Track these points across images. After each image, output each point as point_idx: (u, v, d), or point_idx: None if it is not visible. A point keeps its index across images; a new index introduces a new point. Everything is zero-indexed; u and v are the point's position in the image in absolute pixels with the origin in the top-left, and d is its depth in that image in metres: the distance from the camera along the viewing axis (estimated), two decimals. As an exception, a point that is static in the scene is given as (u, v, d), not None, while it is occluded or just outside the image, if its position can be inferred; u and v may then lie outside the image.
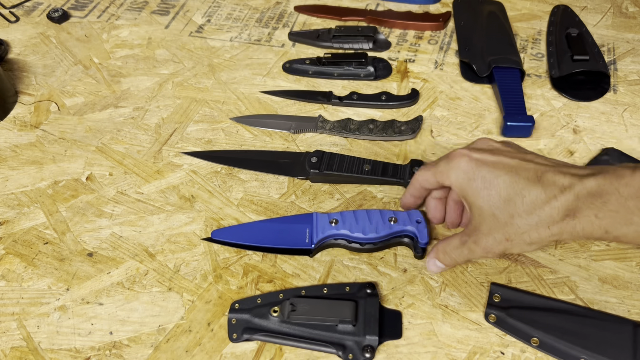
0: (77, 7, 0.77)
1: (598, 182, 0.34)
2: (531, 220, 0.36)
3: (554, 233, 0.36)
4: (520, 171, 0.37)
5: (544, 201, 0.35)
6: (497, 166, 0.38)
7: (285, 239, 0.47)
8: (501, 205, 0.37)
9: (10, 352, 0.43)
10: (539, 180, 0.36)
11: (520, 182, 0.37)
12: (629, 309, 0.43)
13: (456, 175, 0.40)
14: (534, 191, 0.36)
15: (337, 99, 0.61)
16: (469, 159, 0.39)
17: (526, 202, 0.36)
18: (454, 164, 0.40)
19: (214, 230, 0.49)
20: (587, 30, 0.68)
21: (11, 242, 0.50)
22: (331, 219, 0.47)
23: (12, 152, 0.58)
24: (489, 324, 0.43)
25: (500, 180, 0.37)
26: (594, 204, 0.34)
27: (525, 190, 0.36)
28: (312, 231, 0.47)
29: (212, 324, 0.44)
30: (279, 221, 0.49)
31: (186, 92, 0.64)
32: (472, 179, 0.39)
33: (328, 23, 0.73)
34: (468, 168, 0.39)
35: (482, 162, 0.39)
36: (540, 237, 0.37)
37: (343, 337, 0.42)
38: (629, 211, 0.33)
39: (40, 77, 0.66)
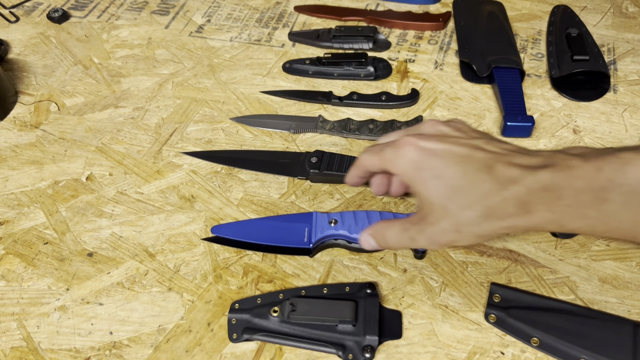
0: (77, 7, 0.77)
1: (550, 175, 0.33)
2: (481, 212, 0.35)
3: (506, 226, 0.35)
4: (471, 161, 0.35)
5: (495, 193, 0.34)
6: (447, 155, 0.36)
7: (284, 238, 0.47)
8: (451, 197, 0.36)
9: (10, 352, 0.43)
10: (489, 172, 0.34)
11: (471, 173, 0.35)
12: (629, 309, 0.43)
13: (403, 164, 0.38)
14: (485, 183, 0.34)
15: (337, 99, 0.61)
16: (416, 148, 0.37)
17: (477, 194, 0.34)
18: (402, 152, 0.38)
19: (213, 227, 0.49)
20: (587, 30, 0.68)
21: (11, 242, 0.50)
22: (330, 219, 0.47)
23: (12, 152, 0.58)
24: (489, 324, 0.43)
25: (450, 171, 0.36)
26: (547, 199, 0.33)
27: (476, 181, 0.35)
28: (311, 230, 0.47)
29: (212, 324, 0.44)
30: (278, 219, 0.49)
31: (186, 92, 0.64)
32: (420, 169, 0.37)
33: (328, 23, 0.73)
34: (416, 157, 0.37)
35: (431, 151, 0.37)
36: (491, 230, 0.35)
37: (343, 337, 0.42)
38: (583, 205, 0.32)
39: (40, 77, 0.66)
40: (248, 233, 0.48)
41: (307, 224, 0.47)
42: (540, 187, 0.33)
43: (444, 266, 0.47)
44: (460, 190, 0.35)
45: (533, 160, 0.34)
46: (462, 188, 0.35)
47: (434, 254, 0.47)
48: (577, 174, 0.32)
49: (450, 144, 0.37)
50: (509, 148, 0.37)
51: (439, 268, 0.47)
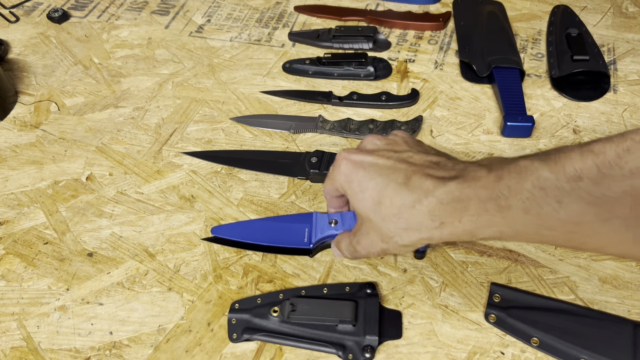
0: (77, 7, 0.77)
1: (458, 187, 0.34)
2: (400, 224, 0.36)
3: (424, 237, 0.36)
4: (392, 173, 0.37)
5: (410, 205, 0.36)
6: (372, 168, 0.38)
7: (284, 238, 0.47)
8: (374, 208, 0.37)
9: (10, 352, 0.43)
10: (406, 184, 0.36)
11: (391, 185, 0.37)
12: (629, 309, 0.43)
13: (339, 178, 0.40)
14: (401, 195, 0.36)
15: (337, 99, 0.61)
16: (347, 162, 0.40)
17: (394, 206, 0.36)
18: (337, 167, 0.40)
19: (213, 227, 0.49)
20: (587, 30, 0.68)
21: (11, 242, 0.50)
22: (331, 220, 0.46)
23: (12, 152, 0.58)
24: (489, 324, 0.43)
25: (373, 183, 0.37)
26: (456, 210, 0.34)
27: (393, 193, 0.36)
28: (311, 231, 0.47)
29: (212, 324, 0.44)
30: (278, 220, 0.49)
31: (186, 92, 0.64)
32: (350, 182, 0.39)
33: (328, 23, 0.73)
34: (347, 171, 0.39)
35: (359, 164, 0.39)
36: (411, 240, 0.37)
37: (343, 337, 0.42)
38: (488, 213, 0.33)
39: (40, 77, 0.66)
40: (248, 234, 0.48)
41: (307, 224, 0.47)
42: (450, 198, 0.34)
43: (444, 266, 0.47)
44: (379, 202, 0.37)
45: (447, 173, 0.36)
46: (381, 200, 0.37)
47: (434, 254, 0.47)
48: (481, 184, 0.33)
49: (377, 156, 0.39)
50: (433, 160, 0.38)
51: (439, 268, 0.47)
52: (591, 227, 0.30)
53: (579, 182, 0.29)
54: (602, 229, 0.30)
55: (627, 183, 0.28)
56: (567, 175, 0.30)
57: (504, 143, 0.57)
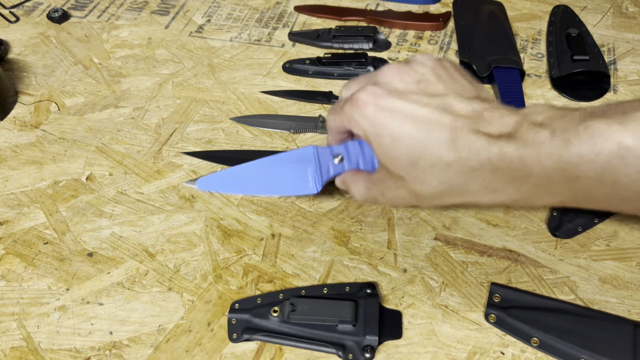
0: (77, 7, 0.77)
1: (517, 151, 0.29)
2: (441, 187, 0.32)
3: (469, 201, 0.32)
4: (433, 129, 0.31)
5: (456, 169, 0.31)
6: (407, 120, 0.32)
7: (283, 185, 0.41)
8: (409, 168, 0.32)
9: (10, 352, 0.43)
10: (452, 144, 0.31)
11: (432, 144, 0.31)
12: (629, 309, 0.43)
13: (363, 126, 0.34)
14: (446, 156, 0.31)
15: (337, 99, 0.61)
16: (374, 108, 0.33)
17: (436, 169, 0.31)
18: (360, 112, 0.34)
19: (199, 179, 0.43)
20: (587, 30, 0.68)
21: (11, 242, 0.50)
22: (335, 154, 0.40)
23: (12, 152, 0.58)
24: (489, 324, 0.43)
25: (410, 140, 0.32)
26: (513, 178, 0.30)
27: (436, 154, 0.31)
28: (315, 172, 0.40)
29: (212, 324, 0.44)
30: (273, 162, 0.42)
31: (186, 92, 0.64)
32: (379, 135, 0.33)
33: (328, 23, 0.73)
34: (375, 120, 0.33)
35: (389, 112, 0.33)
36: (452, 202, 0.33)
37: (343, 337, 0.42)
38: (552, 183, 0.29)
39: (40, 77, 0.66)
40: (240, 184, 0.42)
41: (308, 163, 0.40)
42: (506, 165, 0.30)
43: (444, 266, 0.47)
44: (417, 162, 0.32)
45: (499, 128, 0.31)
46: (420, 161, 0.32)
47: (434, 254, 0.47)
48: (545, 150, 0.29)
49: (411, 102, 0.33)
50: (478, 108, 0.32)
51: (439, 268, 0.47)
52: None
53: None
54: None
55: None
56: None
57: (504, 143, 0.56)
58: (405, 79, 0.35)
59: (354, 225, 0.50)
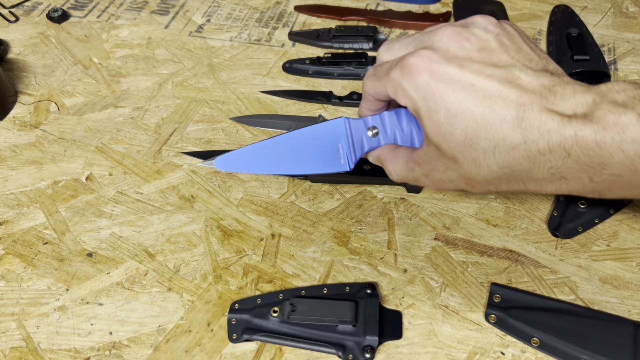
0: (77, 7, 0.77)
1: (595, 135, 0.26)
2: (501, 172, 0.29)
3: (530, 188, 0.29)
4: (497, 105, 0.28)
5: (521, 153, 0.28)
6: (468, 93, 0.28)
7: (313, 162, 0.37)
8: (465, 149, 0.29)
9: (10, 353, 0.43)
10: (519, 124, 0.27)
11: (495, 123, 0.28)
12: (630, 309, 0.43)
13: (413, 97, 0.30)
14: (510, 138, 0.27)
15: (337, 99, 0.61)
16: (429, 75, 0.29)
17: (498, 151, 0.28)
18: (412, 80, 0.30)
19: (217, 157, 0.40)
20: (588, 30, 0.68)
21: (11, 242, 0.50)
22: (369, 126, 0.36)
23: (12, 152, 0.58)
24: (489, 324, 0.43)
25: (469, 116, 0.28)
26: (588, 166, 0.26)
27: (498, 135, 0.28)
28: (348, 146, 0.37)
29: (212, 324, 0.44)
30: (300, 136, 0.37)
31: (186, 92, 0.63)
32: (433, 109, 0.29)
33: (328, 23, 0.73)
34: (429, 91, 0.29)
35: (448, 82, 0.29)
36: (510, 188, 0.30)
37: (343, 337, 0.42)
38: (636, 174, 0.25)
39: (40, 77, 0.66)
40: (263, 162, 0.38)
41: (339, 137, 0.37)
42: (581, 150, 0.26)
43: (444, 266, 0.47)
44: (477, 143, 0.28)
45: (574, 106, 0.27)
46: (480, 141, 0.28)
47: (434, 254, 0.47)
48: (630, 135, 0.25)
49: (472, 72, 0.29)
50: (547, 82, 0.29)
51: (439, 268, 0.47)
52: None
53: None
54: None
55: None
56: None
57: (504, 143, 0.56)
58: (465, 45, 0.31)
59: (354, 225, 0.50)
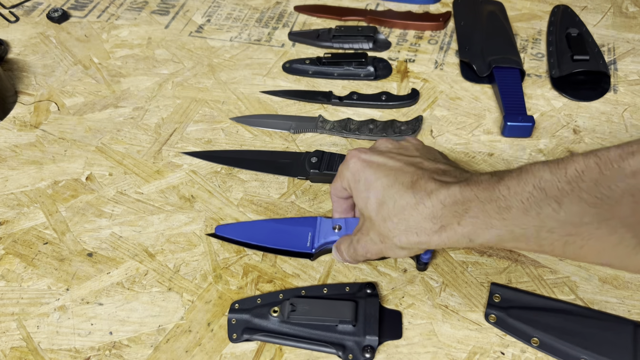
0: (77, 7, 0.77)
1: (460, 189, 0.35)
2: (400, 225, 0.37)
3: (422, 241, 0.36)
4: (399, 175, 0.38)
5: (412, 207, 0.36)
6: (380, 169, 0.39)
7: (286, 241, 0.47)
8: (377, 208, 0.38)
9: (10, 352, 0.43)
10: (412, 186, 0.37)
11: (396, 186, 0.37)
12: (629, 309, 0.43)
13: (346, 175, 0.41)
14: (405, 196, 0.37)
15: (337, 99, 0.61)
16: (357, 160, 0.40)
17: (397, 206, 0.37)
18: (346, 165, 0.41)
19: (217, 226, 0.49)
20: (587, 30, 0.68)
21: (11, 242, 0.50)
22: (335, 225, 0.46)
23: (12, 152, 0.58)
24: (489, 324, 0.43)
25: (379, 183, 0.38)
26: (456, 212, 0.35)
27: (397, 194, 0.37)
28: (314, 235, 0.47)
29: (212, 324, 0.44)
30: (282, 222, 0.49)
31: (186, 92, 0.63)
32: (357, 181, 0.40)
33: (328, 23, 0.73)
34: (355, 169, 0.40)
35: (368, 163, 0.40)
36: (409, 242, 0.37)
37: (343, 337, 0.42)
38: (488, 215, 0.33)
39: (40, 77, 0.66)
40: (251, 234, 0.48)
41: (310, 228, 0.47)
42: (451, 200, 0.35)
43: (444, 266, 0.47)
44: (383, 202, 0.37)
45: (453, 179, 0.37)
46: (385, 200, 0.37)
47: (434, 254, 0.47)
48: (483, 186, 0.34)
49: (387, 157, 0.40)
50: (442, 168, 0.39)
51: (439, 268, 0.47)
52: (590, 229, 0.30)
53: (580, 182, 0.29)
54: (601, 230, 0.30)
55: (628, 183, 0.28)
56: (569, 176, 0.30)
57: (504, 143, 0.57)
58: (389, 145, 0.43)
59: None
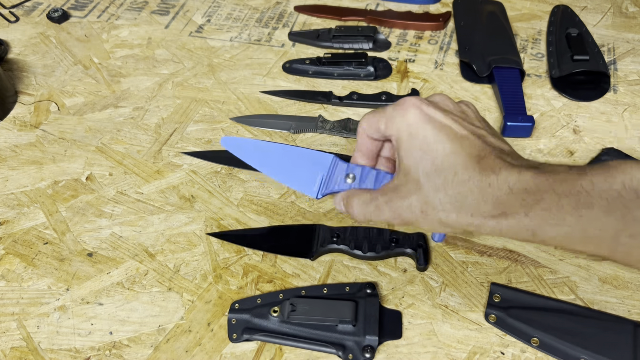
0: (77, 7, 0.77)
1: (534, 177, 0.31)
2: (454, 200, 0.32)
3: (473, 223, 0.33)
4: (465, 144, 0.33)
5: (475, 184, 0.32)
6: (444, 130, 0.34)
7: (293, 176, 0.41)
8: (430, 174, 0.33)
9: (10, 352, 0.43)
10: (478, 161, 0.32)
11: (461, 156, 0.33)
12: (629, 309, 0.43)
13: (399, 125, 0.35)
14: (469, 170, 0.32)
15: (337, 99, 0.61)
16: (419, 112, 0.34)
17: (457, 180, 0.32)
18: (403, 112, 0.35)
19: (224, 137, 0.44)
20: (587, 30, 0.68)
21: (11, 242, 0.50)
22: (349, 173, 0.40)
23: (12, 152, 0.58)
24: (489, 324, 0.43)
25: (440, 147, 0.33)
26: (526, 201, 0.31)
27: (460, 165, 0.32)
28: (324, 179, 0.40)
29: (212, 324, 0.44)
30: (295, 153, 0.42)
31: (186, 92, 0.63)
32: (413, 136, 0.34)
33: (328, 23, 0.73)
34: (414, 121, 0.34)
35: (431, 120, 0.34)
36: (458, 222, 0.33)
37: (343, 337, 0.42)
38: (563, 210, 0.30)
39: (40, 77, 0.66)
40: (258, 158, 0.43)
41: (322, 168, 0.41)
42: (522, 187, 0.31)
43: (444, 266, 0.47)
44: (442, 169, 0.33)
45: (522, 163, 0.33)
46: (445, 168, 0.33)
47: (434, 254, 0.47)
48: (561, 177, 0.30)
49: (452, 119, 0.34)
50: (505, 148, 0.35)
51: (439, 268, 0.47)
52: None
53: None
54: None
55: None
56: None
57: (504, 143, 0.57)
58: (451, 105, 0.37)
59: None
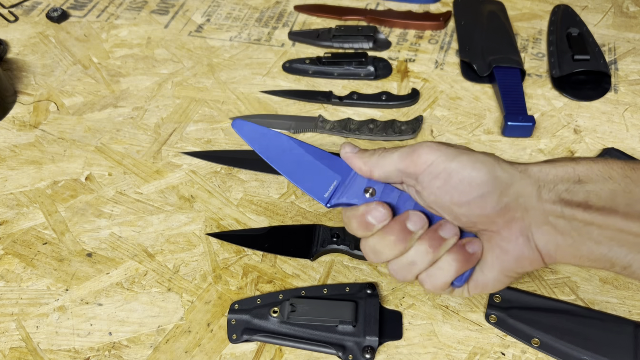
0: (76, 7, 0.77)
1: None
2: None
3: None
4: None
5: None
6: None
7: (305, 177, 0.38)
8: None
9: (9, 353, 0.43)
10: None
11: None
12: (630, 310, 0.43)
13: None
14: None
15: (337, 98, 0.61)
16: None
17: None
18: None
19: (236, 119, 0.41)
20: (588, 29, 0.68)
21: (10, 243, 0.50)
22: (368, 187, 0.37)
23: (11, 152, 0.57)
24: (490, 324, 0.43)
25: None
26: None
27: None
28: (339, 188, 0.38)
29: (212, 324, 0.44)
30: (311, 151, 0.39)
31: (185, 92, 0.63)
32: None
33: (328, 22, 0.73)
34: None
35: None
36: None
37: (343, 337, 0.42)
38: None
39: (39, 77, 0.66)
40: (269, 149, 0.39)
41: (339, 175, 0.38)
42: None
43: (444, 266, 0.47)
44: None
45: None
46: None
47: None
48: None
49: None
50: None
51: (439, 268, 0.46)
52: None
53: None
54: None
55: None
56: None
57: (505, 143, 0.56)
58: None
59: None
